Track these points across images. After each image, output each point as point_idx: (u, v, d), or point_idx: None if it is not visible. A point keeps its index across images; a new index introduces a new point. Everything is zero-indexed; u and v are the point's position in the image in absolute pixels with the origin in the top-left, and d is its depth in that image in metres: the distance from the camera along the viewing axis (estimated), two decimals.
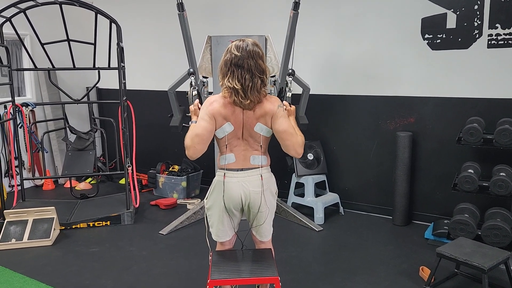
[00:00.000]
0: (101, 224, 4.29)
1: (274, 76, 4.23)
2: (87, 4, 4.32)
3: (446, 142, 4.04)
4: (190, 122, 2.50)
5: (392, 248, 3.77)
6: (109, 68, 4.60)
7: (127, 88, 4.69)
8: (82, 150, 5.06)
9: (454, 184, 3.62)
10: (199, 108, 2.48)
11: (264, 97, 2.34)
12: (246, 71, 2.28)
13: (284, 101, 2.50)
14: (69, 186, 5.31)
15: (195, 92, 2.92)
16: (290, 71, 3.57)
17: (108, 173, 5.37)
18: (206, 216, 2.57)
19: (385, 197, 4.42)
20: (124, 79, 4.53)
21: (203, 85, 4.12)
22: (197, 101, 2.70)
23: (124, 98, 4.48)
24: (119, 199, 4.77)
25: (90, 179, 5.81)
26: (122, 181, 5.77)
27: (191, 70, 3.26)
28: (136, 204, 4.57)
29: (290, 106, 2.49)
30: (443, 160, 4.10)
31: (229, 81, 2.29)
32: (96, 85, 5.14)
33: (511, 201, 3.52)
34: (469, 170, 3.62)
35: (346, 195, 4.65)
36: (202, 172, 5.33)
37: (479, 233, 3.43)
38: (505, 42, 3.69)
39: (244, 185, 2.38)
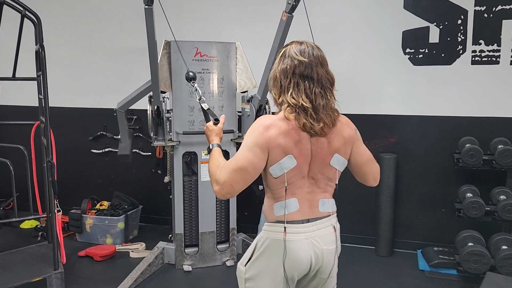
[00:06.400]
0: None
1: (246, 91, 3.57)
2: None
3: (429, 164, 3.79)
4: (209, 146, 1.83)
5: (391, 284, 3.35)
6: (13, 78, 3.46)
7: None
8: None
9: (458, 210, 3.35)
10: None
11: (337, 118, 1.70)
12: (316, 83, 1.63)
13: None
14: None
15: (206, 106, 2.09)
16: None
17: (20, 219, 3.87)
18: None
19: (366, 226, 4.01)
20: (42, 93, 3.41)
21: (162, 101, 3.29)
22: (223, 117, 1.98)
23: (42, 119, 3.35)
24: (35, 253, 3.52)
25: None
26: (24, 225, 4.45)
27: (191, 74, 2.38)
28: (63, 259, 3.41)
29: None
30: (426, 183, 3.84)
31: (293, 97, 1.62)
32: None
33: None
34: (468, 194, 3.39)
35: None
36: (142, 208, 4.33)
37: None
38: (489, 59, 3.58)
39: (314, 242, 1.70)
